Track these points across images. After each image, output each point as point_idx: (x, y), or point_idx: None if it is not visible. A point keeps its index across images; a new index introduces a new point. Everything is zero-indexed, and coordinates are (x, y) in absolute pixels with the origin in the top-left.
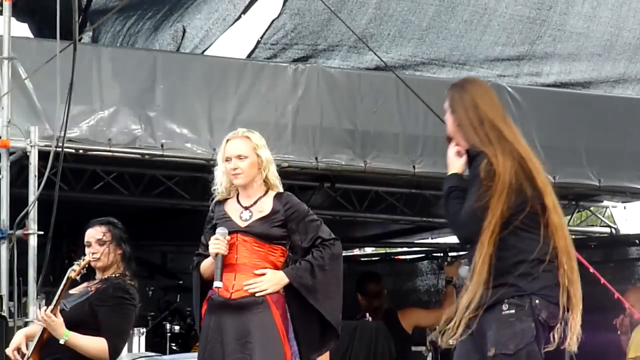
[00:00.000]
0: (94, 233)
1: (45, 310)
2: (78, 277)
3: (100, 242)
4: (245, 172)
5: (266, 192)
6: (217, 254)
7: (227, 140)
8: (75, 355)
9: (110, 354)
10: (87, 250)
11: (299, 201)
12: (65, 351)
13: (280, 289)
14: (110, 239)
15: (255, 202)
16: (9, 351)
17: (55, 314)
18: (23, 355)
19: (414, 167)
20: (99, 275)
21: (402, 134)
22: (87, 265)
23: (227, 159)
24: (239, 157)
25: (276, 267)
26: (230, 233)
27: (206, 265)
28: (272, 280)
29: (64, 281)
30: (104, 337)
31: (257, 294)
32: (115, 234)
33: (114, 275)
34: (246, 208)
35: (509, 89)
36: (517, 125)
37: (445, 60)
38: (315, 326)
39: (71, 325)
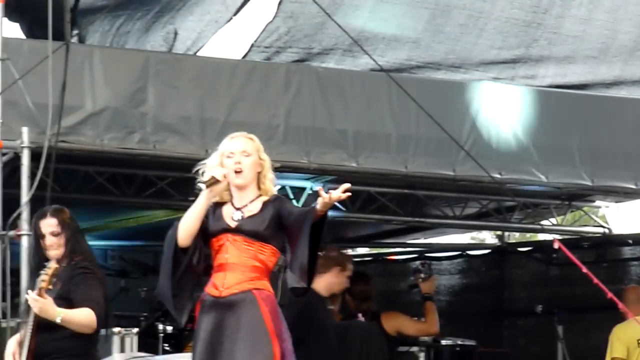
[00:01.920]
0: (47, 225)
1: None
2: (50, 285)
3: (54, 234)
4: (247, 169)
5: (258, 196)
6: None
7: (231, 138)
8: (72, 348)
9: (97, 321)
10: (43, 241)
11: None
12: (61, 349)
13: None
14: (61, 230)
15: (247, 205)
16: None
17: (42, 297)
18: None
19: (406, 167)
20: (54, 265)
21: (394, 134)
22: (55, 273)
23: (230, 155)
24: (243, 152)
25: (266, 267)
26: (220, 233)
27: (186, 219)
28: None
29: (37, 289)
30: (83, 307)
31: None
32: (64, 222)
33: (69, 263)
34: (238, 209)
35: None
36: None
37: (441, 64)
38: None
39: (54, 323)
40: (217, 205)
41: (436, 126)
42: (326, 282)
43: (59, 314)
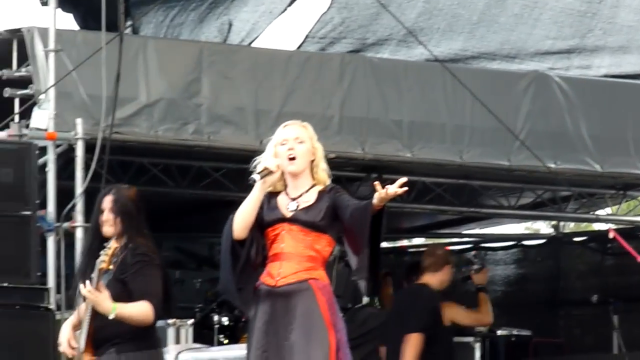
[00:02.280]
0: (108, 201)
1: (89, 288)
2: (111, 266)
3: (112, 210)
4: (301, 156)
5: (313, 185)
6: (265, 169)
7: (284, 126)
8: (132, 331)
9: (154, 315)
10: (101, 217)
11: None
12: (122, 334)
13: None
14: (116, 207)
15: (302, 195)
16: (63, 348)
17: (99, 290)
18: (75, 349)
19: (461, 157)
20: (114, 244)
21: (449, 124)
22: (114, 253)
23: (283, 142)
24: (297, 139)
25: (322, 256)
26: (275, 223)
27: (241, 211)
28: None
29: (96, 274)
30: (142, 300)
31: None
32: (118, 202)
33: (126, 245)
34: (293, 199)
35: (557, 79)
36: (565, 115)
37: (496, 54)
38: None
39: None
40: (272, 195)
41: (491, 116)
42: (439, 280)
43: (113, 310)
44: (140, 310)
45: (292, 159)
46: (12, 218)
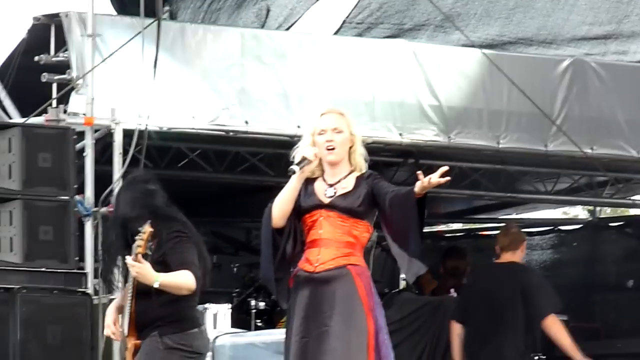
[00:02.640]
0: None
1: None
2: (147, 250)
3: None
4: (339, 146)
5: (350, 172)
6: (303, 158)
7: (322, 114)
8: (173, 313)
9: (195, 283)
10: None
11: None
12: (163, 316)
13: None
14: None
15: (339, 181)
16: (108, 331)
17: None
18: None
19: (498, 142)
20: (148, 228)
21: (486, 109)
22: (149, 237)
23: (322, 132)
24: (335, 129)
25: (360, 242)
26: (313, 209)
27: (279, 200)
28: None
29: (133, 255)
30: (180, 269)
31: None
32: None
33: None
34: (331, 185)
35: (593, 64)
36: (601, 100)
37: (533, 40)
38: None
39: (151, 288)
40: (308, 181)
41: (528, 102)
42: (520, 257)
43: (157, 279)
44: (181, 277)
45: (331, 149)
46: (50, 203)
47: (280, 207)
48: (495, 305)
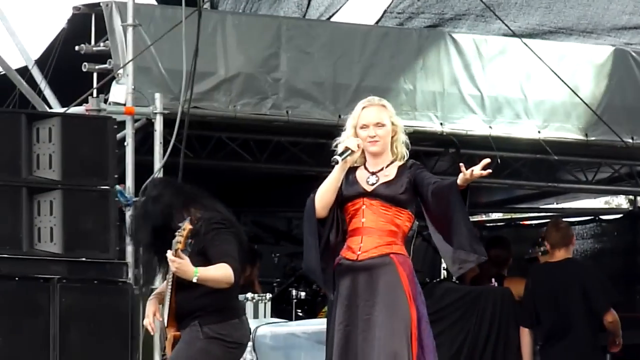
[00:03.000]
0: None
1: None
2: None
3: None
4: (382, 140)
5: (392, 161)
6: (346, 149)
7: (363, 108)
8: (213, 303)
9: (234, 276)
10: None
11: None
12: (204, 307)
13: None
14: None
15: (382, 169)
16: (147, 322)
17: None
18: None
19: (539, 132)
20: (188, 225)
21: (527, 99)
22: (189, 234)
23: (364, 126)
24: (378, 124)
25: (402, 231)
26: (356, 197)
27: (321, 191)
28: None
29: (173, 250)
30: (220, 262)
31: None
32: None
33: (202, 221)
34: (373, 173)
35: (634, 54)
36: None
37: (573, 29)
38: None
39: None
40: (351, 170)
41: (568, 91)
42: (571, 252)
43: (196, 273)
44: (220, 271)
45: (374, 142)
46: (91, 193)
47: (323, 197)
48: (562, 306)
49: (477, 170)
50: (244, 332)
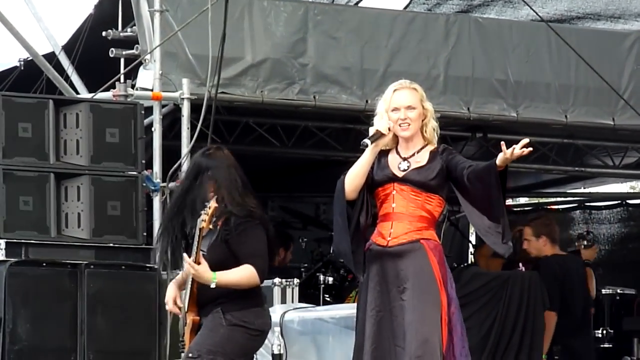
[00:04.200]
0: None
1: (189, 261)
2: (211, 225)
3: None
4: (413, 123)
5: (424, 145)
6: (376, 132)
7: (394, 90)
8: (235, 292)
9: (259, 277)
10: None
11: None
12: (226, 294)
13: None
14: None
15: (413, 154)
16: (168, 306)
17: (198, 262)
18: (179, 308)
19: (566, 116)
20: (214, 204)
21: (554, 83)
22: (214, 213)
23: (395, 109)
24: (409, 107)
25: (433, 217)
26: (386, 182)
27: (351, 174)
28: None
29: (197, 233)
30: (246, 263)
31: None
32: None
33: (230, 205)
34: (404, 159)
35: None
36: None
37: (601, 15)
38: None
39: (214, 266)
40: (382, 154)
41: (595, 75)
42: None
43: (214, 279)
44: (242, 275)
45: (405, 125)
46: (118, 178)
47: (353, 180)
48: (587, 296)
49: (517, 149)
50: (266, 320)
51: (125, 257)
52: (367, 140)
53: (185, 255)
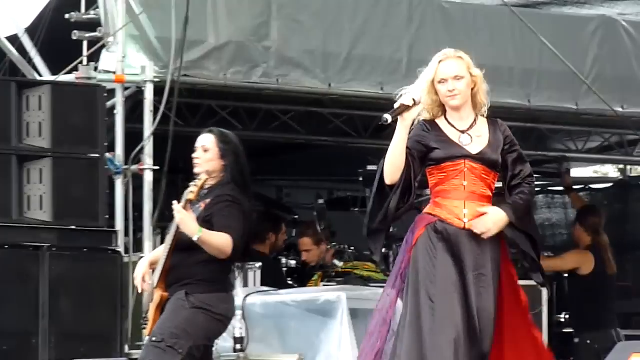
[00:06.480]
0: (201, 140)
1: (178, 207)
2: (198, 198)
3: (204, 149)
4: (462, 92)
5: (477, 115)
6: (400, 106)
7: (440, 62)
8: (204, 273)
9: (232, 249)
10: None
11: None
12: (194, 274)
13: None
14: (214, 148)
15: (472, 126)
16: (136, 282)
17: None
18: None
19: (529, 100)
20: (204, 177)
21: (517, 67)
22: (203, 186)
23: (442, 81)
24: (456, 77)
25: (491, 196)
26: (458, 158)
27: (389, 156)
28: (496, 222)
29: (183, 201)
30: (223, 232)
31: (483, 236)
32: (220, 145)
33: (216, 185)
34: (463, 132)
35: (624, 23)
36: (632, 59)
37: (567, 0)
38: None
39: (193, 244)
40: (433, 124)
41: (559, 60)
42: None
43: (199, 232)
44: (221, 239)
45: (455, 95)
46: (80, 161)
47: (392, 162)
48: None
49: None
50: (230, 306)
51: (87, 239)
52: (387, 116)
53: (174, 203)
